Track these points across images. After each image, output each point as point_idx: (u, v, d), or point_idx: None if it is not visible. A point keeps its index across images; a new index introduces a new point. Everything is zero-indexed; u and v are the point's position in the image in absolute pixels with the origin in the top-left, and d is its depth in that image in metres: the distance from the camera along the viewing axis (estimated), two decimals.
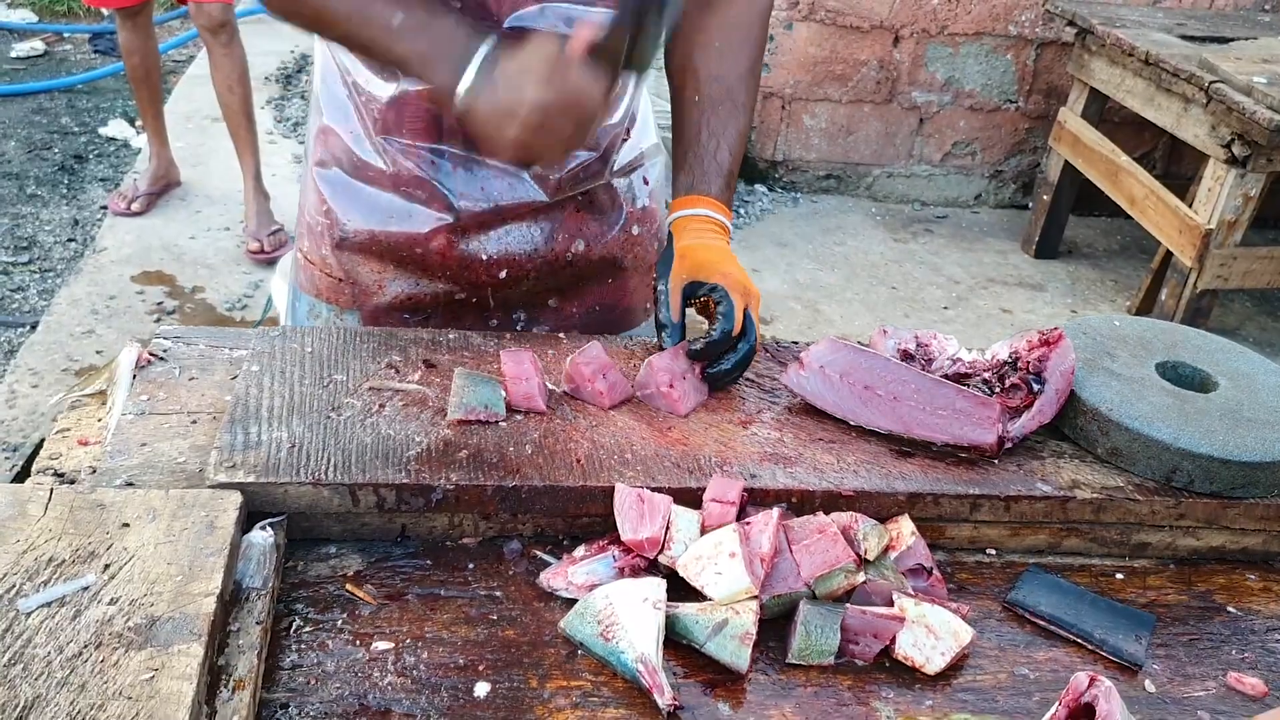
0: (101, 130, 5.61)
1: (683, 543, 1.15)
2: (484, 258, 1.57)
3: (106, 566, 1.01)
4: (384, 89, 1.48)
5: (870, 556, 1.16)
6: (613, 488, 1.19)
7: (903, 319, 4.57)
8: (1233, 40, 4.53)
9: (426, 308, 1.61)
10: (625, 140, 1.63)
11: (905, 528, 1.21)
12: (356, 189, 1.55)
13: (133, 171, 5.03)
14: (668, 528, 1.16)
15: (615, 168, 1.63)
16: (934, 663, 1.10)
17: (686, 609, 1.09)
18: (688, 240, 1.43)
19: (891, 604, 1.13)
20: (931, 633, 1.10)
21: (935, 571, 1.20)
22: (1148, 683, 1.14)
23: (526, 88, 1.20)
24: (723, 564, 1.10)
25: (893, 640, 1.11)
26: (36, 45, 6.68)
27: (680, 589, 1.12)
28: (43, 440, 1.33)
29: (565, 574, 1.15)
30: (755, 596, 1.10)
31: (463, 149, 1.50)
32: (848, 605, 1.12)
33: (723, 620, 1.08)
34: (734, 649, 1.07)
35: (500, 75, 1.22)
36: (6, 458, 3.14)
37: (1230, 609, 1.27)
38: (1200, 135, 4.11)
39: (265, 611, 1.05)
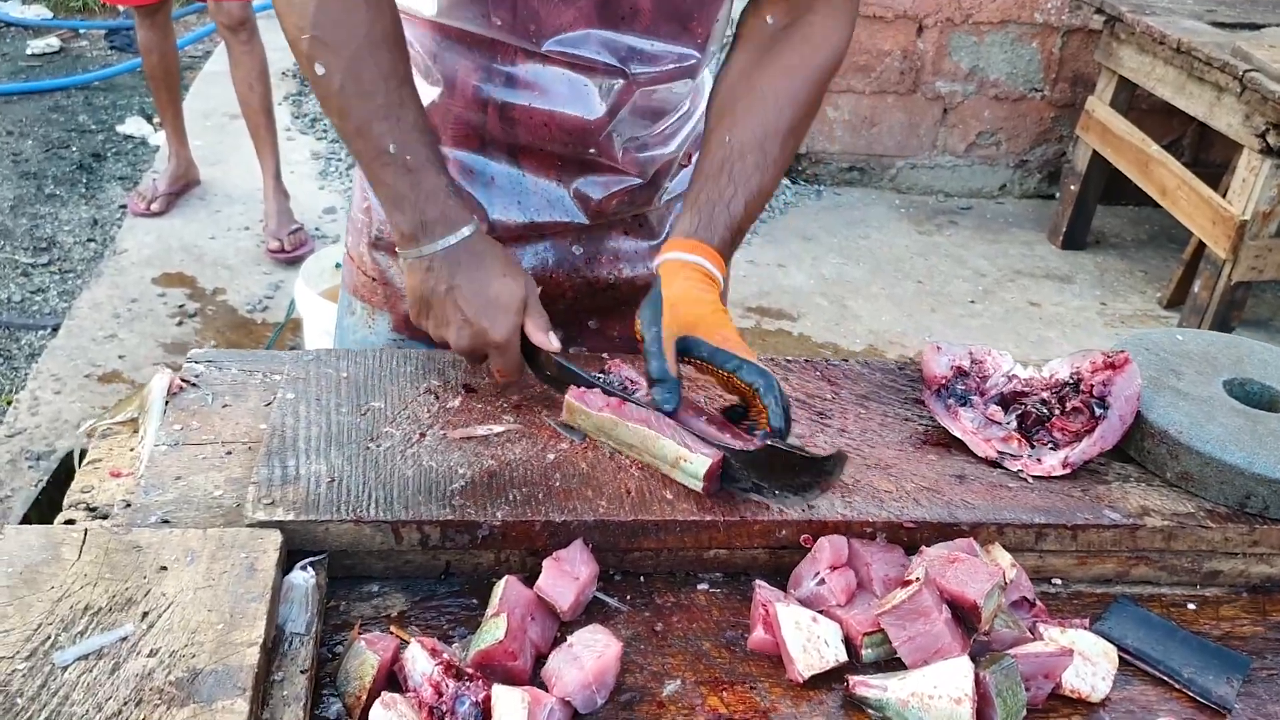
0: (119, 128, 5.57)
1: None
2: None
3: (145, 614, 0.97)
4: (429, 92, 1.44)
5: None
6: (666, 521, 1.15)
7: (929, 314, 4.50)
8: (1265, 27, 4.43)
9: None
10: (685, 167, 1.58)
11: (1004, 559, 1.15)
12: None
13: (151, 171, 5.00)
14: None
15: (669, 194, 1.58)
16: (1099, 690, 1.05)
17: (896, 691, 1.01)
18: (677, 288, 1.30)
19: (1030, 640, 1.08)
20: (1086, 659, 1.05)
21: (1038, 603, 1.15)
22: None
23: (473, 308, 1.27)
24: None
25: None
26: (52, 42, 6.65)
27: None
28: (67, 456, 1.30)
29: None
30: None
31: (507, 162, 1.46)
32: (1015, 652, 1.04)
33: None
34: None
35: (458, 276, 1.28)
36: (31, 466, 3.11)
37: None
38: (1234, 125, 4.03)
39: (309, 658, 1.00)
